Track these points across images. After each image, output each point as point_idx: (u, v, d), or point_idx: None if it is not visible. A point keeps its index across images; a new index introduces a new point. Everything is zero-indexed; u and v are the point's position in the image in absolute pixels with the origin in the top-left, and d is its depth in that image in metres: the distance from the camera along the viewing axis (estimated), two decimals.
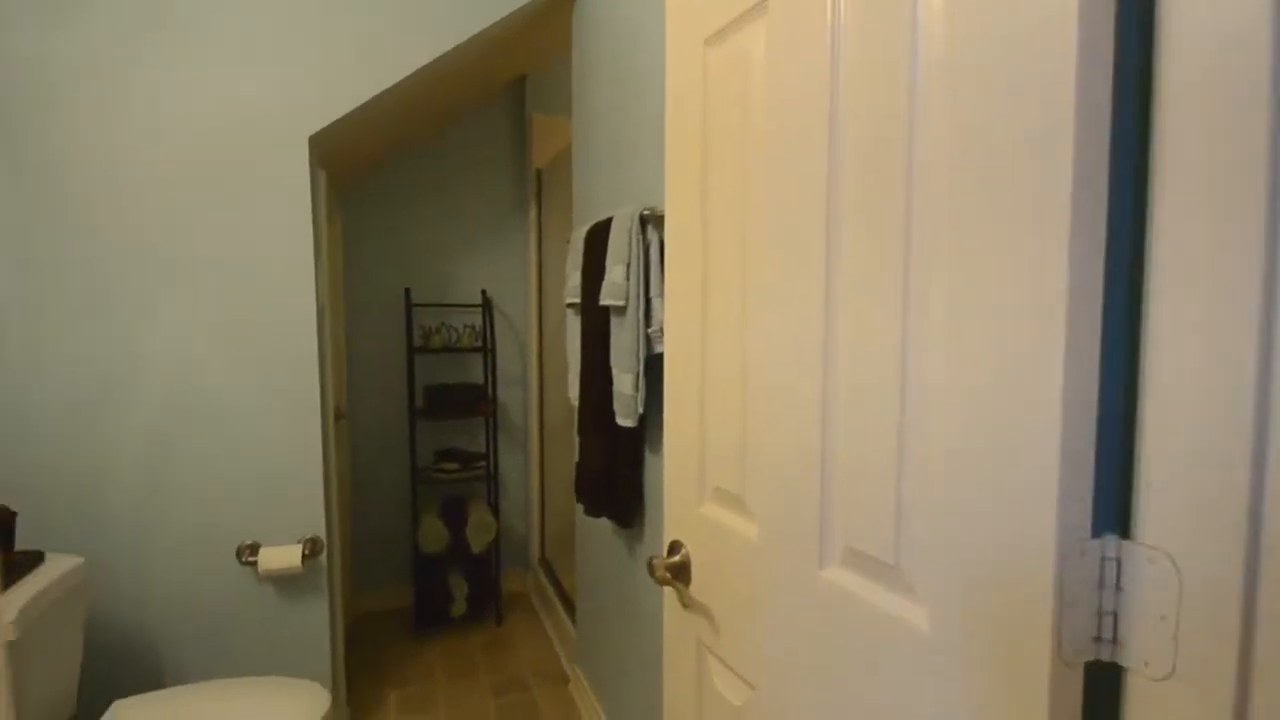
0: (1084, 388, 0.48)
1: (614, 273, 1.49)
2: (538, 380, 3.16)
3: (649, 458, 1.63)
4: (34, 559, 1.53)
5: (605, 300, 1.51)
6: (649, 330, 1.44)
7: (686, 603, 1.00)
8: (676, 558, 1.05)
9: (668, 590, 1.08)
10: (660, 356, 1.47)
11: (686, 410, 1.02)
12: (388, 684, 2.54)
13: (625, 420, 1.51)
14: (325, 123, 1.91)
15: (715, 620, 0.96)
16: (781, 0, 0.77)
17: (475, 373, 3.17)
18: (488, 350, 3.00)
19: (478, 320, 3.14)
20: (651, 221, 1.43)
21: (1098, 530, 0.50)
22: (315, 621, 2.01)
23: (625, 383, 1.49)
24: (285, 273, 1.91)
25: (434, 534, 2.85)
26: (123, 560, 1.86)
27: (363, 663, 2.69)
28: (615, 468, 1.67)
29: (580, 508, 2.00)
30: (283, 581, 1.97)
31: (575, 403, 1.85)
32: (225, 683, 1.69)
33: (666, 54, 1.03)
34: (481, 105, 3.09)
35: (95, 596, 1.85)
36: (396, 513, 3.13)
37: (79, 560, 1.58)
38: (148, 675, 1.91)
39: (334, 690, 2.08)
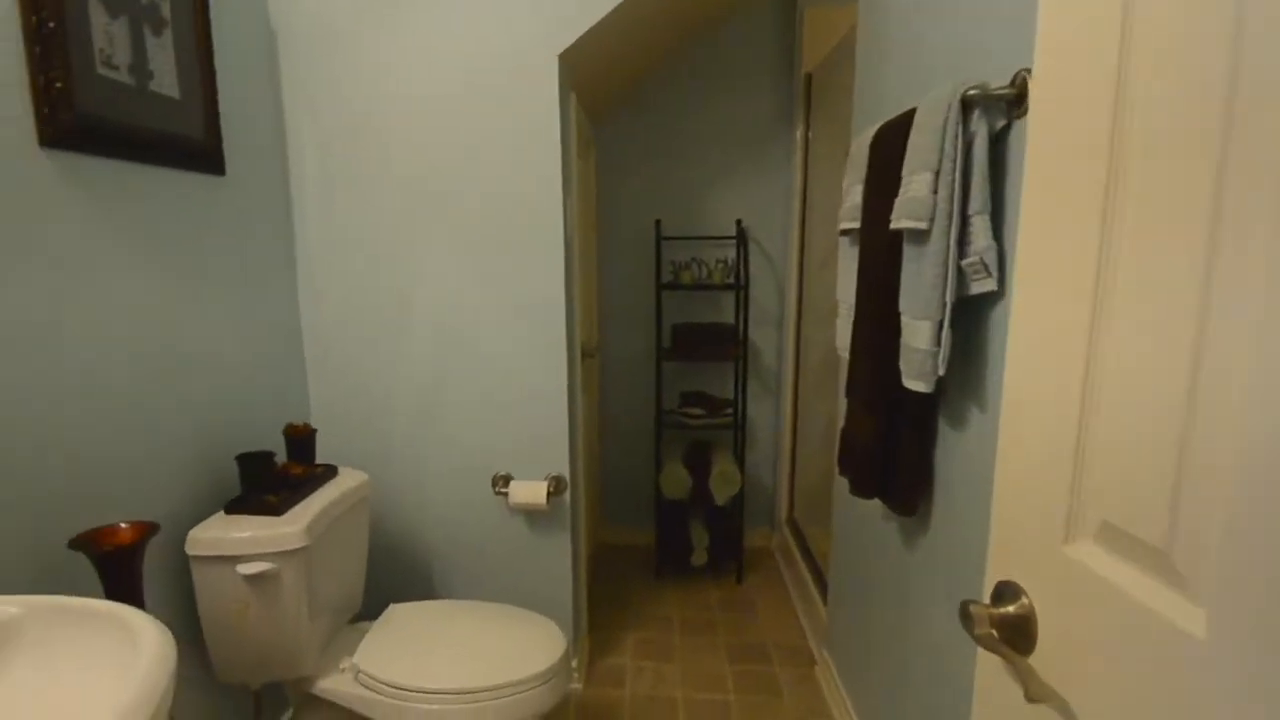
0: None
1: (914, 184, 1.11)
2: (795, 322, 2.82)
3: (946, 433, 1.25)
4: (329, 472, 1.68)
5: (899, 222, 1.14)
6: (963, 262, 1.05)
7: (1033, 691, 0.66)
8: (1010, 609, 0.70)
9: (987, 655, 0.74)
10: (979, 300, 1.08)
11: (1049, 394, 0.64)
12: (627, 624, 2.52)
13: (916, 383, 1.15)
14: (575, 36, 1.75)
15: None
16: None
17: (726, 311, 2.94)
18: (740, 287, 2.74)
19: (731, 254, 2.88)
20: (980, 105, 1.01)
21: None
22: (559, 558, 2.03)
23: (919, 333, 1.12)
24: (534, 205, 1.84)
25: (676, 480, 2.73)
26: (401, 480, 2.02)
27: (605, 594, 2.72)
28: (894, 441, 1.32)
29: (843, 482, 1.68)
30: (531, 515, 2.01)
31: (844, 354, 1.51)
32: (481, 605, 1.76)
33: None
34: (743, 5, 2.73)
35: (377, 510, 2.03)
36: (643, 453, 3.09)
37: (365, 476, 1.72)
38: (418, 585, 2.09)
39: (575, 623, 2.10)
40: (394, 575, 2.09)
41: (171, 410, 1.43)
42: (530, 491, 1.91)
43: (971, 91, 1.01)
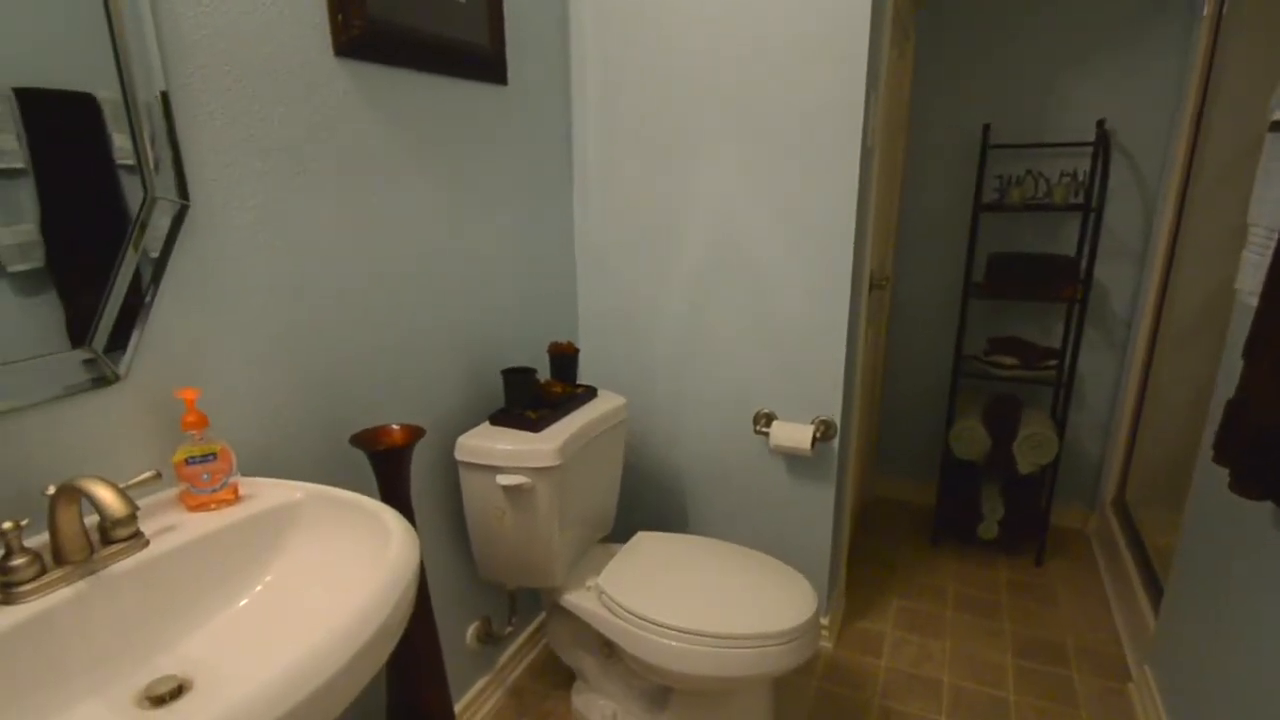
0: None
1: None
2: (1165, 257, 2.23)
3: None
4: (589, 393, 1.71)
5: None
6: None
7: None
8: None
9: None
10: None
11: None
12: (892, 588, 2.35)
13: None
14: None
15: None
16: None
17: (1067, 240, 2.44)
18: (1091, 209, 2.23)
19: (1084, 165, 2.36)
20: None
21: None
22: (820, 510, 1.91)
23: None
24: (830, 106, 1.62)
25: (971, 438, 2.42)
26: (659, 407, 2.02)
27: (869, 551, 2.56)
28: None
29: (1214, 470, 1.30)
30: (793, 460, 1.90)
31: (1251, 300, 1.12)
32: (729, 547, 1.71)
33: None
34: None
35: (634, 436, 2.08)
36: (933, 403, 2.78)
37: (623, 400, 1.73)
38: (669, 516, 2.11)
39: (831, 578, 2.00)
40: (645, 503, 2.11)
41: (448, 320, 1.50)
42: (794, 434, 1.78)
43: None
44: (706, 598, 1.50)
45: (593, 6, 1.79)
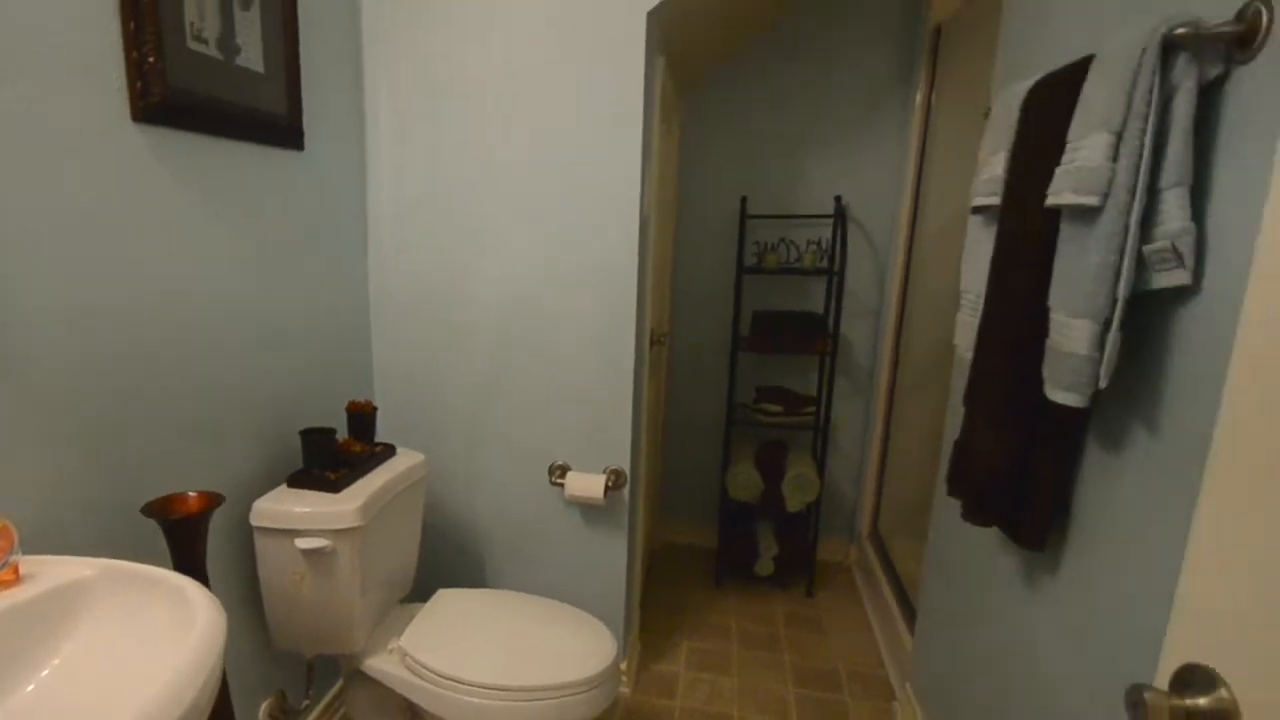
0: None
1: (1084, 149, 0.94)
2: (897, 313, 2.63)
3: (1099, 458, 1.08)
4: (388, 451, 1.70)
5: (1060, 196, 0.97)
6: (1147, 247, 0.88)
7: None
8: (1200, 701, 0.56)
9: None
10: (1158, 296, 0.91)
11: None
12: (682, 630, 2.43)
13: (1064, 394, 0.98)
14: None
15: None
16: None
17: (815, 299, 2.77)
18: (835, 273, 2.57)
19: (826, 234, 2.71)
20: (1190, 47, 0.83)
21: None
22: (614, 555, 1.99)
23: (1075, 334, 0.95)
24: (610, 179, 1.77)
25: (745, 481, 2.61)
26: (458, 464, 2.02)
27: (661, 596, 2.63)
28: (1027, 461, 1.15)
29: (946, 500, 1.52)
30: (587, 509, 1.97)
31: (966, 355, 1.34)
32: (530, 599, 1.75)
33: None
34: None
35: (433, 493, 2.03)
36: (709, 449, 2.97)
37: (421, 458, 1.73)
38: (468, 571, 2.08)
39: (626, 624, 2.05)
40: (446, 560, 2.09)
41: (245, 381, 1.49)
42: (588, 484, 1.87)
43: (1179, 30, 0.83)
44: (509, 651, 1.54)
45: (388, 86, 1.85)
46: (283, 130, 1.53)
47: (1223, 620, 0.57)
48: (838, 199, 2.60)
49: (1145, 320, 0.95)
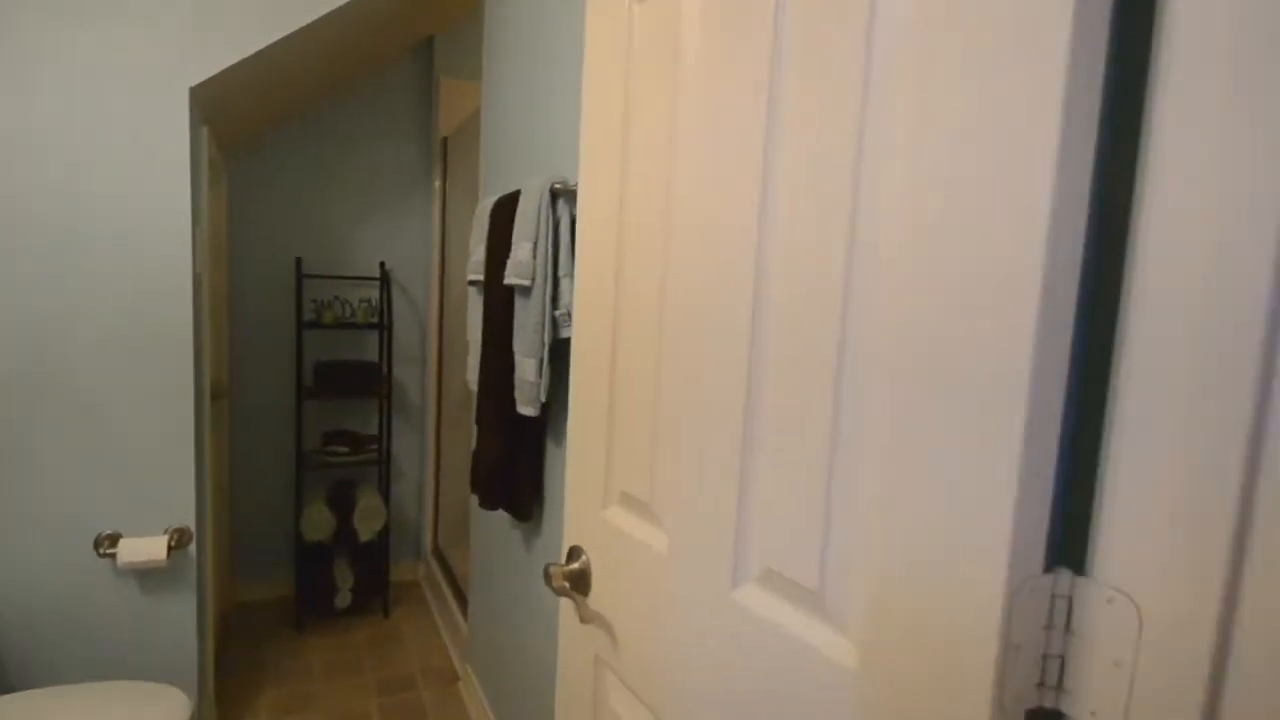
0: (1050, 395, 0.42)
1: (520, 250, 1.37)
2: (437, 360, 2.97)
3: (551, 449, 1.52)
4: None
5: (510, 279, 1.39)
6: (555, 313, 1.33)
7: (585, 615, 0.91)
8: (575, 565, 0.95)
9: (564, 600, 0.98)
10: (567, 341, 1.37)
11: (593, 405, 0.92)
12: (263, 682, 2.32)
13: (526, 408, 1.40)
14: (208, 74, 1.69)
15: (616, 636, 0.87)
16: None
17: (370, 350, 2.94)
18: (384, 327, 2.78)
19: (375, 294, 2.91)
20: (563, 196, 1.31)
21: (1050, 564, 0.44)
22: (182, 619, 1.82)
23: (528, 368, 1.37)
24: (160, 237, 1.70)
25: (319, 521, 2.62)
26: None
27: (237, 659, 2.45)
28: (514, 458, 1.55)
29: (475, 499, 1.87)
30: (146, 575, 1.77)
31: (474, 387, 1.71)
32: (78, 688, 1.51)
33: (587, 9, 0.92)
34: (386, 67, 2.85)
35: None
36: (281, 498, 2.87)
37: None
38: (12, 673, 1.69)
39: (201, 691, 1.89)
40: None
41: None
42: (146, 548, 1.69)
43: (556, 185, 1.30)
44: None
45: None
46: None
47: (583, 517, 0.98)
48: (382, 264, 2.82)
49: (563, 357, 1.41)
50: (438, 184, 2.87)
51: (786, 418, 0.60)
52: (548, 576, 0.95)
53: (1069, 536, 0.44)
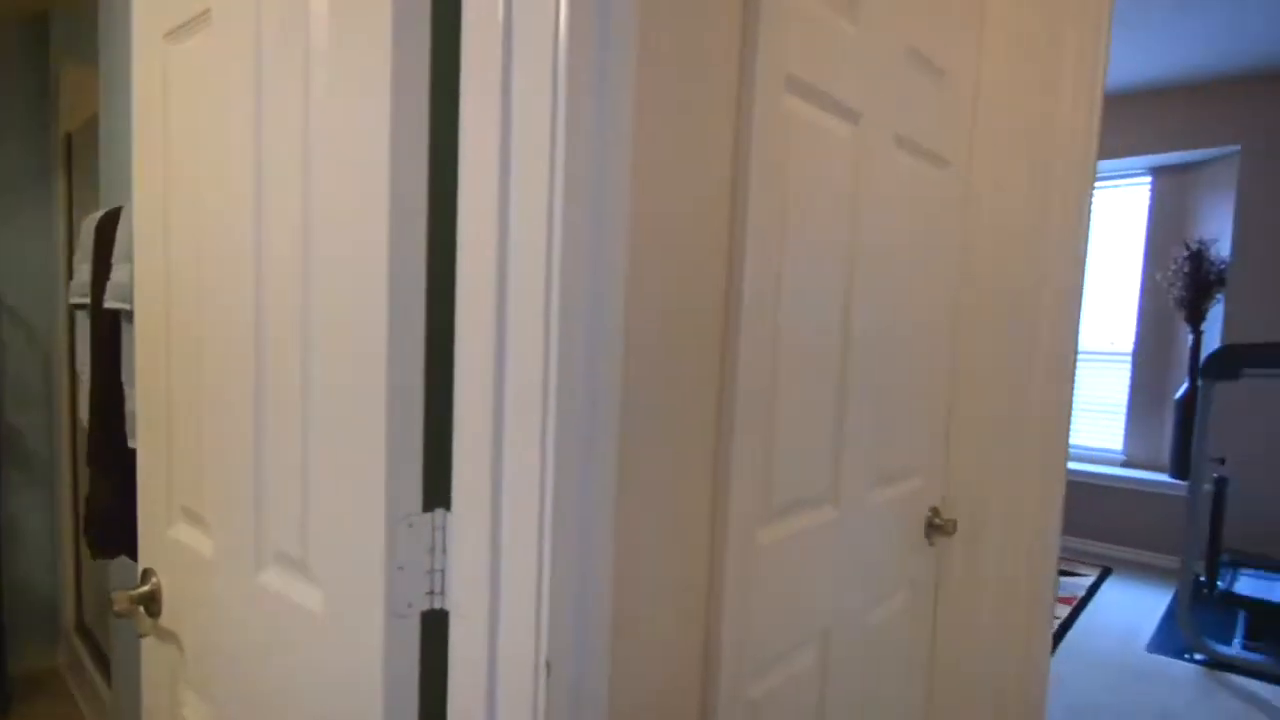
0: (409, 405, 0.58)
1: (119, 271, 1.31)
2: (69, 399, 2.57)
3: None
4: None
5: (109, 302, 1.32)
6: None
7: (160, 635, 0.92)
8: (145, 588, 0.96)
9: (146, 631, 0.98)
10: None
11: (154, 427, 0.94)
12: None
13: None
14: None
15: (185, 648, 0.90)
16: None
17: None
18: None
19: None
20: None
21: (430, 505, 0.60)
22: None
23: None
24: None
25: None
26: None
27: None
28: (130, 497, 1.45)
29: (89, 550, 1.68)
30: None
31: (85, 423, 1.56)
32: None
33: (133, 48, 0.95)
34: None
35: None
36: None
37: None
38: None
39: None
40: None
41: None
42: None
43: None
44: None
45: None
46: None
47: (154, 539, 0.98)
48: None
49: None
50: (61, 188, 2.51)
51: (277, 404, 0.71)
52: (110, 602, 0.94)
53: (441, 485, 0.61)
